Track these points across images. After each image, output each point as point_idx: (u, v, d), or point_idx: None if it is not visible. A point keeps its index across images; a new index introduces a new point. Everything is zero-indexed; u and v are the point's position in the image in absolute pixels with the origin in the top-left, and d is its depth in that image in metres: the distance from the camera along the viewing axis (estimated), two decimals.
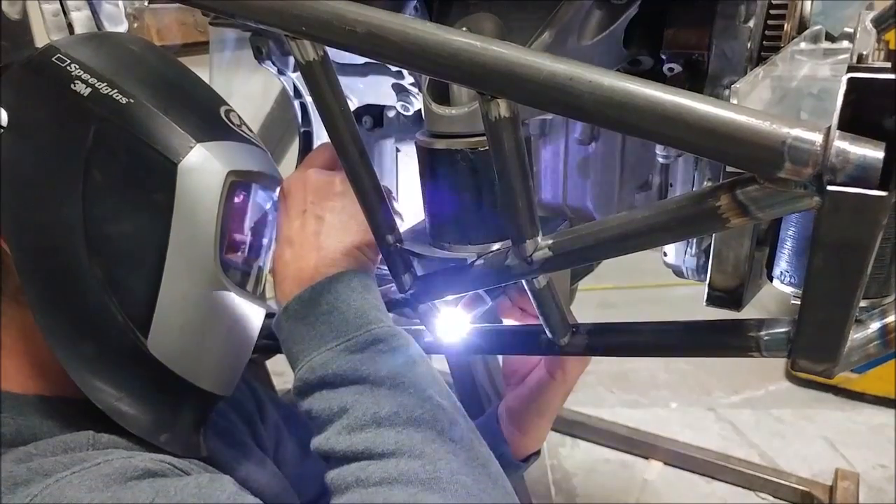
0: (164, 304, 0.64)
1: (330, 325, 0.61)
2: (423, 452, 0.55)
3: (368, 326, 0.61)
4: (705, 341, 0.64)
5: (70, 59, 0.64)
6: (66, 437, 0.61)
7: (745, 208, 0.45)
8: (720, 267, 0.68)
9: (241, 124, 0.71)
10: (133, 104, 0.63)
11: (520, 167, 0.53)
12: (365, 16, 0.51)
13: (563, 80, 0.45)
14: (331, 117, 0.58)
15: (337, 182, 0.66)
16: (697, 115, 0.42)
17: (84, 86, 0.62)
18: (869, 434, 2.20)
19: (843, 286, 0.45)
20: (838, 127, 0.39)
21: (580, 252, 0.57)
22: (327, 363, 0.60)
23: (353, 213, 0.65)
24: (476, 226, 0.65)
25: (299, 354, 0.62)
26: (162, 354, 0.65)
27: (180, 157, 0.63)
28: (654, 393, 2.44)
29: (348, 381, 0.59)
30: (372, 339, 0.60)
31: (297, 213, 0.66)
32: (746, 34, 0.64)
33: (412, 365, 0.61)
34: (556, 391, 0.85)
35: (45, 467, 0.55)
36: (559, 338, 0.69)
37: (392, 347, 0.61)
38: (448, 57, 0.48)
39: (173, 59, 0.72)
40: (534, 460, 0.92)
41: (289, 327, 0.63)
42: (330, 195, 0.66)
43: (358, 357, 0.59)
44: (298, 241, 0.65)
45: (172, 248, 0.63)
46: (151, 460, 0.59)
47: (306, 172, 0.68)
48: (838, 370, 0.55)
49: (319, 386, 0.60)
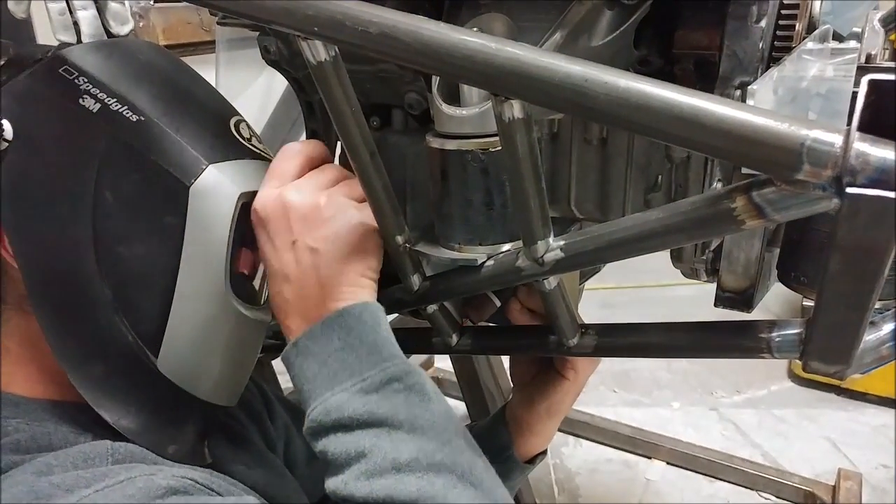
0: (174, 324, 0.63)
1: (343, 364, 0.60)
2: (446, 498, 0.54)
3: (383, 364, 0.59)
4: (716, 342, 0.64)
5: (78, 72, 0.62)
6: (85, 447, 0.60)
7: (762, 210, 0.45)
8: (731, 268, 0.68)
9: (251, 136, 0.70)
10: (144, 122, 0.61)
11: (533, 168, 0.53)
12: (378, 16, 0.50)
13: (578, 81, 0.45)
14: (342, 118, 0.58)
15: (322, 206, 0.62)
16: (715, 118, 0.42)
17: (93, 101, 0.61)
18: (872, 434, 2.20)
19: (858, 289, 0.45)
20: (858, 128, 0.39)
21: (593, 253, 0.57)
22: (342, 405, 0.58)
23: (347, 239, 0.63)
24: (486, 226, 0.65)
25: (311, 393, 0.60)
26: (172, 373, 0.64)
27: (192, 180, 0.61)
28: (656, 393, 2.44)
29: (365, 424, 0.57)
30: (387, 378, 0.59)
31: (286, 245, 0.63)
32: (758, 34, 0.64)
33: (428, 404, 0.59)
34: (568, 391, 0.85)
35: (66, 482, 0.54)
36: (568, 339, 0.69)
37: (408, 386, 0.59)
38: (462, 58, 0.48)
39: (184, 67, 0.71)
40: (540, 460, 0.91)
41: (299, 363, 0.62)
42: (319, 223, 0.62)
43: (374, 398, 0.58)
44: (296, 276, 0.63)
45: (183, 269, 0.62)
46: (174, 477, 0.57)
47: (284, 195, 0.62)
48: (850, 372, 0.55)
49: (335, 428, 0.58)
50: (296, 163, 0.65)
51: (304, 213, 0.62)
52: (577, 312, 0.72)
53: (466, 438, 0.60)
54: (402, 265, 0.68)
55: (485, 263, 0.65)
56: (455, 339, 0.78)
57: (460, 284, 0.67)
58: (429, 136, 0.65)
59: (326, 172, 0.65)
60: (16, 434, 0.61)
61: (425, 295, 0.71)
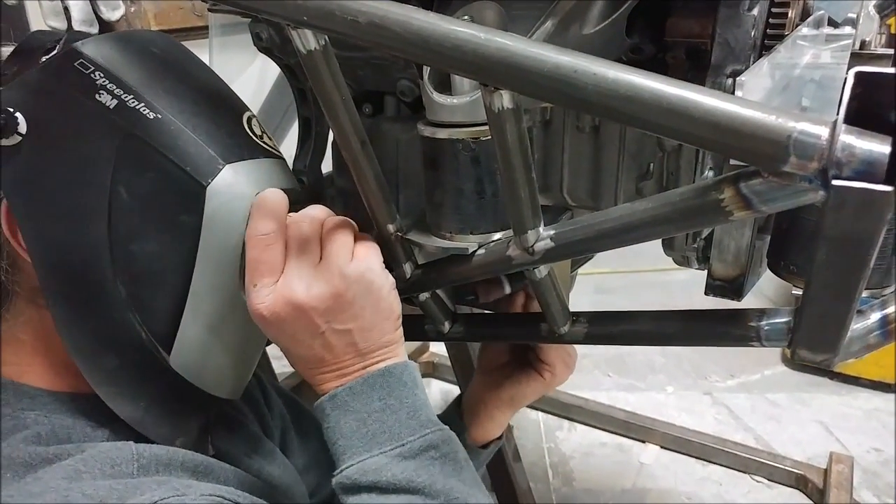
0: (187, 322, 0.63)
1: (383, 425, 0.60)
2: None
3: (423, 431, 0.60)
4: (705, 330, 0.64)
5: (94, 66, 0.61)
6: (110, 450, 0.59)
7: (749, 201, 0.45)
8: (721, 256, 0.68)
9: (263, 133, 0.69)
10: (161, 120, 0.61)
11: (523, 158, 0.53)
12: (367, 6, 0.50)
13: (567, 72, 0.45)
14: (332, 107, 0.58)
15: (343, 290, 0.59)
16: (703, 109, 0.42)
17: (110, 97, 0.60)
18: (864, 418, 2.21)
19: (845, 279, 0.45)
20: (844, 121, 0.39)
21: (582, 243, 0.57)
22: (381, 469, 0.58)
23: (376, 307, 0.62)
24: (477, 215, 0.65)
25: (347, 449, 0.60)
26: (184, 369, 0.65)
27: (209, 180, 0.61)
28: (650, 377, 2.45)
29: (402, 490, 0.58)
30: (427, 446, 0.59)
31: (313, 336, 0.60)
32: (750, 22, 0.64)
33: (460, 472, 0.60)
34: (537, 390, 0.86)
35: (99, 494, 0.54)
36: (559, 326, 0.70)
37: (444, 454, 0.60)
38: (451, 48, 0.48)
39: (197, 61, 0.70)
40: (495, 447, 0.92)
41: (336, 417, 0.62)
42: (345, 307, 0.60)
43: (412, 465, 0.58)
44: (331, 357, 0.62)
45: (198, 269, 0.62)
46: (202, 496, 0.57)
47: (292, 297, 0.59)
48: (838, 360, 0.55)
49: (369, 489, 0.59)
50: (274, 249, 0.60)
51: (325, 307, 0.59)
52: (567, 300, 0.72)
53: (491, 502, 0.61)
54: (394, 254, 0.68)
55: (476, 252, 0.65)
56: (447, 327, 0.78)
57: (451, 273, 0.68)
58: (420, 124, 0.65)
59: (310, 244, 0.61)
60: (35, 426, 0.61)
61: (417, 283, 0.71)
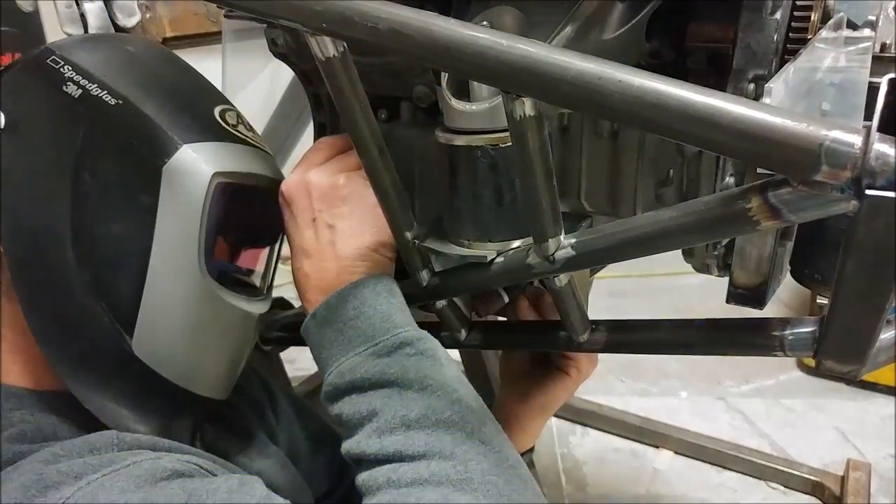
0: (147, 305, 0.63)
1: (357, 330, 0.62)
2: (454, 453, 0.55)
3: (395, 330, 0.62)
4: (727, 340, 0.63)
5: (64, 61, 0.64)
6: (91, 437, 0.61)
7: (778, 211, 0.44)
8: (743, 264, 0.67)
9: (238, 124, 0.70)
10: (122, 105, 0.62)
11: (544, 165, 0.53)
12: (387, 12, 0.50)
13: (591, 79, 0.44)
14: (350, 114, 0.57)
15: (340, 185, 0.66)
16: (731, 117, 0.41)
17: (75, 87, 0.62)
18: (881, 424, 2.19)
19: (876, 289, 0.44)
20: (878, 129, 0.38)
21: (604, 252, 0.56)
22: (356, 367, 0.61)
23: (363, 216, 0.66)
24: (496, 223, 0.64)
25: (329, 359, 0.63)
26: (147, 357, 0.65)
27: (166, 159, 0.62)
28: (664, 382, 2.43)
29: (377, 385, 0.59)
30: (399, 343, 0.61)
31: (307, 222, 0.67)
32: (773, 27, 0.63)
33: (440, 367, 0.61)
34: (567, 388, 0.85)
35: (74, 469, 0.55)
36: (579, 335, 0.69)
37: (419, 350, 0.61)
38: (473, 55, 0.47)
39: (174, 59, 0.72)
40: (527, 458, 0.89)
41: (317, 333, 0.65)
42: (336, 201, 0.66)
43: (385, 361, 0.60)
44: (315, 252, 0.66)
45: (156, 249, 0.63)
46: (178, 461, 0.59)
47: (307, 176, 0.67)
48: (864, 372, 0.54)
49: (349, 390, 0.61)
50: (323, 152, 0.69)
51: (323, 191, 0.66)
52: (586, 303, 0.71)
53: (477, 400, 0.61)
54: (411, 261, 0.68)
55: (494, 260, 0.64)
56: (464, 334, 0.77)
57: (470, 281, 0.67)
58: (438, 131, 0.64)
59: (350, 158, 0.67)
60: (21, 425, 0.61)
61: (435, 290, 0.70)
